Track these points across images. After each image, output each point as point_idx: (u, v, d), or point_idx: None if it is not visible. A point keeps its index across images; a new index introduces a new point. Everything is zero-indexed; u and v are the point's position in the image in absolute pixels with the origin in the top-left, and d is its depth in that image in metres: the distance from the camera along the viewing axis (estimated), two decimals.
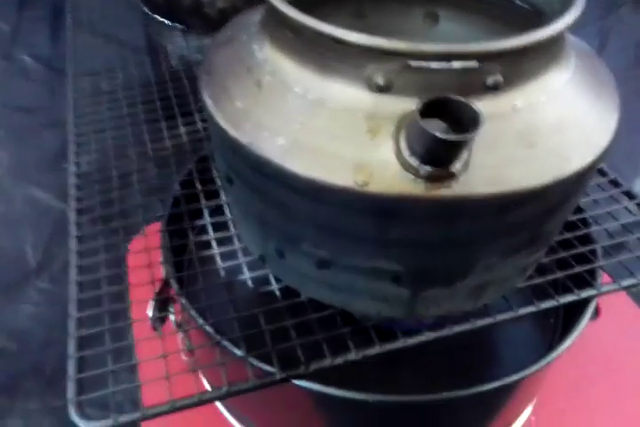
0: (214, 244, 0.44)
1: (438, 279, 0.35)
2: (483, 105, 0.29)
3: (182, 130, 0.54)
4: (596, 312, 0.67)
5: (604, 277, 0.46)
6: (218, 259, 0.43)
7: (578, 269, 0.43)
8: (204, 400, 0.34)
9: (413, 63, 0.27)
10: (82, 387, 0.35)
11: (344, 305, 0.38)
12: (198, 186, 0.49)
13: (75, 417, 0.33)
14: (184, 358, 0.43)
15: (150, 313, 0.44)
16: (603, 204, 0.50)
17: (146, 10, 0.74)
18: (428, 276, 0.34)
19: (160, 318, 0.45)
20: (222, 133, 0.32)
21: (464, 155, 0.29)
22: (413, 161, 0.29)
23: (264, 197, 0.34)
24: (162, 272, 0.45)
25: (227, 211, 0.47)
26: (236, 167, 0.35)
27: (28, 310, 0.43)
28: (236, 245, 0.44)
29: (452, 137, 0.26)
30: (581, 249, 0.45)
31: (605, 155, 0.33)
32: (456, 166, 0.29)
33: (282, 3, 0.31)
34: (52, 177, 0.54)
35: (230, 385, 0.35)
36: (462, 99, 0.26)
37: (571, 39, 0.35)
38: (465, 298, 0.38)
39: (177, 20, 0.72)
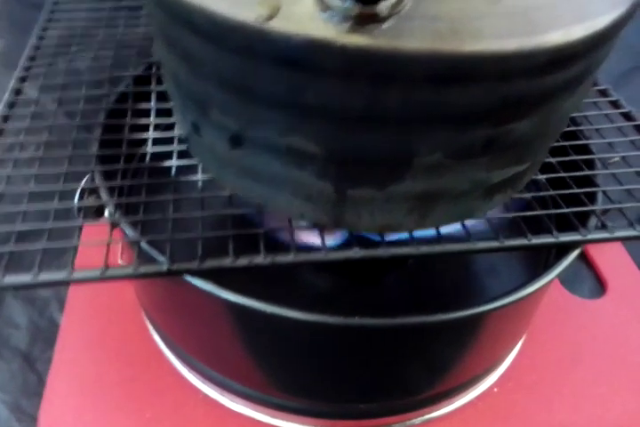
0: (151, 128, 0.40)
1: (366, 173, 0.29)
2: None
3: None
4: (603, 287, 0.59)
5: None
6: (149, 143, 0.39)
7: (566, 209, 0.36)
8: (72, 279, 0.30)
9: None
10: None
11: (264, 201, 0.33)
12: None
13: None
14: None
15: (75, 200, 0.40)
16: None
17: None
18: (353, 166, 0.28)
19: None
20: None
21: None
22: None
23: (173, 47, 0.29)
24: None
25: None
26: (152, 14, 0.30)
27: None
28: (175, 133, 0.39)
29: None
30: (577, 190, 0.37)
31: (606, 37, 0.26)
32: (381, 8, 0.22)
33: None
34: (40, 70, 0.51)
35: (108, 267, 0.30)
36: None
37: None
38: (406, 212, 0.31)
39: None
